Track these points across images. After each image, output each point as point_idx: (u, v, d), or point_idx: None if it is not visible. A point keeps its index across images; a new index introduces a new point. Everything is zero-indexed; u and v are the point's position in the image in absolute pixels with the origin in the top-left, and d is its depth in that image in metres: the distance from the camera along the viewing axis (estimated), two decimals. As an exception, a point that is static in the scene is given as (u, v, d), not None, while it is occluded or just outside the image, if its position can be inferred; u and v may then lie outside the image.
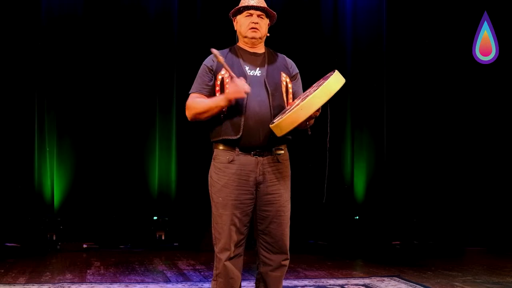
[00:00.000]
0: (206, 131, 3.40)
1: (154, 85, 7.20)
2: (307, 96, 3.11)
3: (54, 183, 6.95)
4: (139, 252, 6.81)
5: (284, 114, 3.14)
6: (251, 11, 3.36)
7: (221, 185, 3.26)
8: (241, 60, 3.35)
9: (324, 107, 3.13)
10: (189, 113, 3.34)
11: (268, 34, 3.44)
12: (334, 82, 3.09)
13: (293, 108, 3.08)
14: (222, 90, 3.28)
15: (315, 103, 3.03)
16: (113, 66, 7.07)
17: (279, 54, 3.50)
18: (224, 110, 3.23)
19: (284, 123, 3.06)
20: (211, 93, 3.33)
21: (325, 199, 3.52)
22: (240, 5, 3.39)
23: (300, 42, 7.32)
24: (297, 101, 3.24)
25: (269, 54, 3.43)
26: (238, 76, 3.24)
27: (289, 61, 3.49)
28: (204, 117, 3.29)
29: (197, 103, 3.30)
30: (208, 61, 3.39)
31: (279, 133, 3.12)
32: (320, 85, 3.11)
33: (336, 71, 3.17)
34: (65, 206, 6.98)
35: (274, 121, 3.16)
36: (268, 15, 3.42)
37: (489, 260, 6.48)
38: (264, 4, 3.40)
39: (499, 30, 7.64)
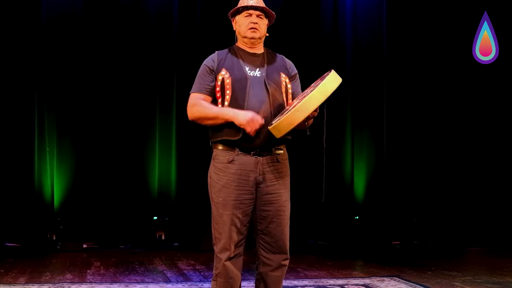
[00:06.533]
0: (206, 131, 3.39)
1: (154, 85, 7.20)
2: (305, 97, 3.11)
3: (54, 183, 6.95)
4: (139, 252, 6.81)
5: (282, 115, 3.14)
6: (250, 11, 3.34)
7: (221, 185, 3.26)
8: (241, 61, 3.34)
9: (321, 106, 3.12)
10: (191, 114, 3.31)
11: (267, 34, 3.42)
12: (330, 82, 3.08)
13: (290, 110, 3.08)
14: (222, 91, 3.27)
15: (311, 104, 3.03)
16: (113, 66, 7.07)
17: (277, 54, 3.49)
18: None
19: (282, 124, 3.06)
20: (212, 94, 3.32)
21: (324, 198, 3.52)
22: (239, 5, 3.38)
23: (299, 41, 7.32)
24: (295, 102, 3.24)
25: (268, 55, 3.43)
26: (239, 77, 3.25)
27: (288, 62, 3.49)
28: (207, 123, 3.27)
29: (205, 107, 3.26)
30: (208, 61, 3.37)
31: (277, 134, 3.12)
32: (317, 85, 3.11)
33: (333, 70, 3.16)
34: (65, 206, 6.98)
35: (273, 122, 3.16)
36: (267, 15, 3.41)
37: (489, 260, 6.48)
38: (263, 4, 3.39)
39: (499, 30, 7.64)
